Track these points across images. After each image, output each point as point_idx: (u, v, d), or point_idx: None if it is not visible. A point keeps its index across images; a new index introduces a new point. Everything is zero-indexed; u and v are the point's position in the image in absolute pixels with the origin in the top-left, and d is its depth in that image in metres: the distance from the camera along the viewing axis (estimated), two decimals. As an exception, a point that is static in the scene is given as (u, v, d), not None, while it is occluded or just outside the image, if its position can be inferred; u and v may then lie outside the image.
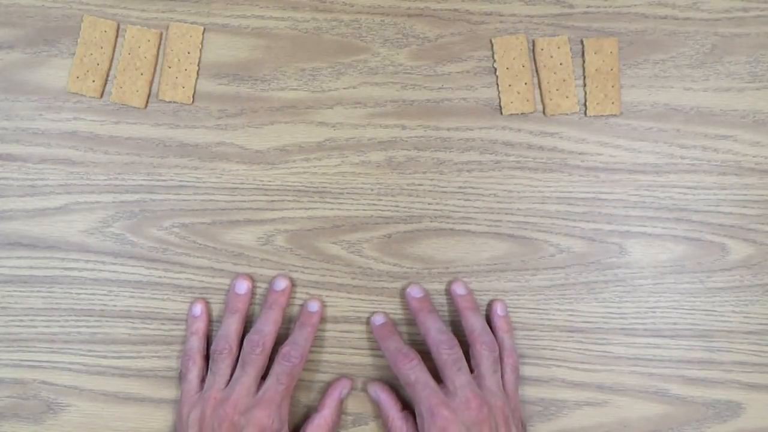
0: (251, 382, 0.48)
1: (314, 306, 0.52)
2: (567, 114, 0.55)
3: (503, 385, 0.49)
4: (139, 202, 0.54)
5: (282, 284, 0.52)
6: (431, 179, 0.54)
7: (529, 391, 0.53)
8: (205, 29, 0.55)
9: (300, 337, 0.50)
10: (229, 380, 0.49)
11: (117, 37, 0.54)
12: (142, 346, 0.53)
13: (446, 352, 0.48)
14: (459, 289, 0.52)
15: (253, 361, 0.48)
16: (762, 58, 0.55)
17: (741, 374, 0.53)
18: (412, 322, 0.53)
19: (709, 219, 0.54)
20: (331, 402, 0.51)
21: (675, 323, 0.54)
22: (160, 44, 0.54)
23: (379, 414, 0.53)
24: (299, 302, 0.53)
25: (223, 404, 0.47)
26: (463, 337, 0.51)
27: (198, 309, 0.52)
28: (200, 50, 0.54)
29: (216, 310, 0.53)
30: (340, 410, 0.52)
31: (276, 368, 0.48)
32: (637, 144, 0.54)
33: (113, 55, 0.54)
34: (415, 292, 0.52)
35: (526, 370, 0.53)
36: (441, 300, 0.54)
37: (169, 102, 0.54)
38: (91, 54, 0.54)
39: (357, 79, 0.55)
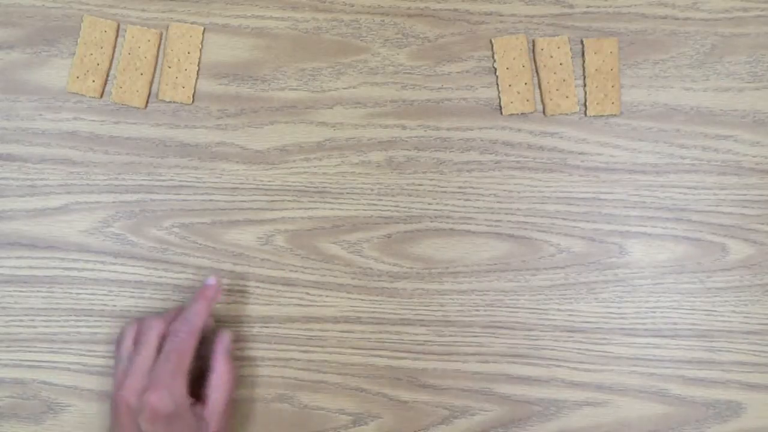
0: (150, 365, 0.47)
1: (211, 280, 0.51)
2: (567, 114, 0.55)
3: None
4: (139, 202, 0.54)
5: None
6: (431, 179, 0.54)
7: (529, 391, 0.53)
8: (205, 29, 0.55)
9: (191, 312, 0.48)
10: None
11: (117, 37, 0.54)
12: (142, 346, 0.53)
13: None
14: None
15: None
16: (762, 58, 0.55)
17: (741, 374, 0.53)
18: (408, 322, 0.53)
19: (709, 219, 0.54)
20: (221, 357, 0.50)
21: (675, 323, 0.54)
22: (160, 44, 0.54)
23: (380, 414, 0.53)
24: (298, 302, 0.53)
25: (121, 388, 0.46)
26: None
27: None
28: (200, 50, 0.54)
29: (219, 311, 0.53)
30: (232, 363, 0.50)
31: (165, 346, 0.47)
32: (637, 144, 0.54)
33: (113, 55, 0.54)
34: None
35: (526, 370, 0.53)
36: (441, 300, 0.54)
37: (169, 102, 0.54)
38: (91, 54, 0.54)
39: (357, 79, 0.55)
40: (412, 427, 0.53)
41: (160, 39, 0.54)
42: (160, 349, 0.48)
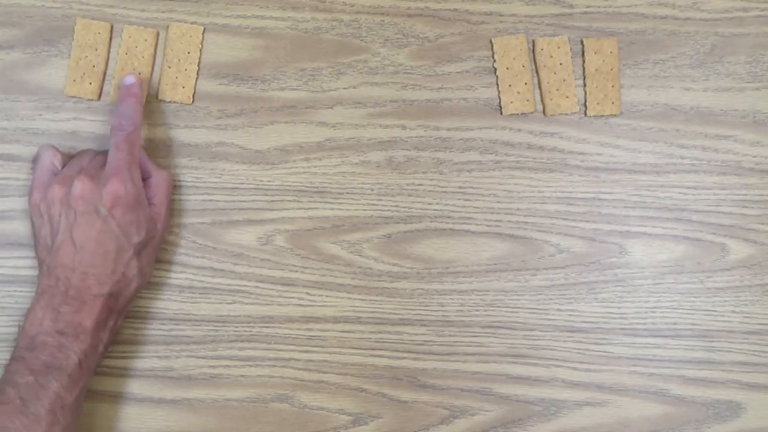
0: (98, 165, 0.49)
1: (130, 79, 0.51)
2: (567, 114, 0.55)
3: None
4: (139, 202, 0.54)
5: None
6: (431, 179, 0.54)
7: (529, 391, 0.53)
8: (204, 29, 0.55)
9: (126, 108, 0.50)
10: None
11: (111, 38, 0.54)
12: (142, 346, 0.53)
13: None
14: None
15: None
16: (762, 58, 0.55)
17: (741, 374, 0.53)
18: (408, 322, 0.53)
19: (709, 219, 0.54)
20: (150, 166, 0.51)
21: (675, 323, 0.54)
22: (157, 43, 0.54)
23: (380, 414, 0.53)
24: (298, 302, 0.53)
25: (73, 181, 0.47)
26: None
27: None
28: (200, 50, 0.54)
29: (219, 311, 0.53)
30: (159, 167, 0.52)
31: (112, 141, 0.49)
32: (637, 144, 0.54)
33: (108, 56, 0.54)
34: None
35: (526, 370, 0.53)
36: (441, 300, 0.54)
37: (169, 102, 0.54)
38: (86, 56, 0.54)
39: (357, 79, 0.55)
40: (412, 427, 0.53)
41: (157, 38, 0.54)
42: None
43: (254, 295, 0.53)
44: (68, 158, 0.51)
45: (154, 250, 0.50)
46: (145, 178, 0.50)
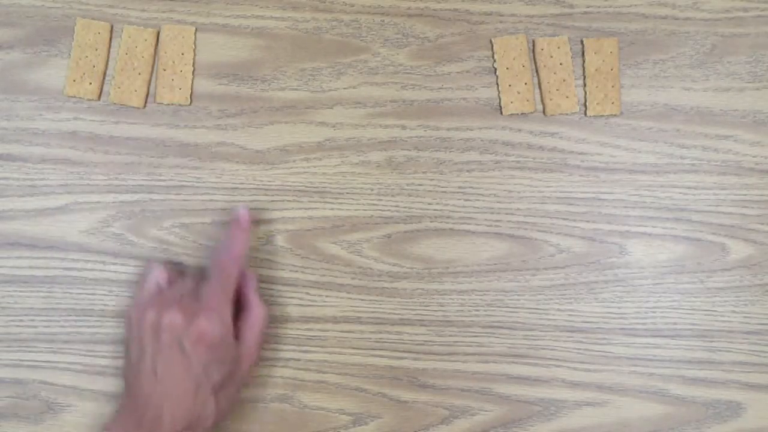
0: (194, 293, 0.48)
1: (242, 212, 0.50)
2: (567, 114, 0.55)
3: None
4: (139, 202, 0.54)
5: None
6: (431, 179, 0.54)
7: (529, 391, 0.53)
8: (197, 29, 0.54)
9: (232, 242, 0.49)
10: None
11: (111, 38, 0.54)
12: (142, 346, 0.53)
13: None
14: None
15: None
16: (762, 58, 0.55)
17: (741, 374, 0.53)
18: (408, 322, 0.53)
19: (709, 219, 0.54)
20: (254, 297, 0.50)
21: (675, 323, 0.54)
22: (157, 43, 0.54)
23: (380, 414, 0.53)
24: (298, 302, 0.53)
25: (168, 309, 0.47)
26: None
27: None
28: (194, 51, 0.54)
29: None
30: (263, 302, 0.51)
31: (211, 273, 0.48)
32: (637, 144, 0.54)
33: (108, 56, 0.54)
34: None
35: (526, 370, 0.53)
36: (441, 300, 0.54)
37: (168, 104, 0.54)
38: (86, 56, 0.54)
39: (357, 79, 0.55)
40: (412, 427, 0.53)
41: (157, 38, 0.54)
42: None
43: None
44: (175, 275, 0.50)
45: (236, 389, 0.49)
46: (244, 309, 0.50)
